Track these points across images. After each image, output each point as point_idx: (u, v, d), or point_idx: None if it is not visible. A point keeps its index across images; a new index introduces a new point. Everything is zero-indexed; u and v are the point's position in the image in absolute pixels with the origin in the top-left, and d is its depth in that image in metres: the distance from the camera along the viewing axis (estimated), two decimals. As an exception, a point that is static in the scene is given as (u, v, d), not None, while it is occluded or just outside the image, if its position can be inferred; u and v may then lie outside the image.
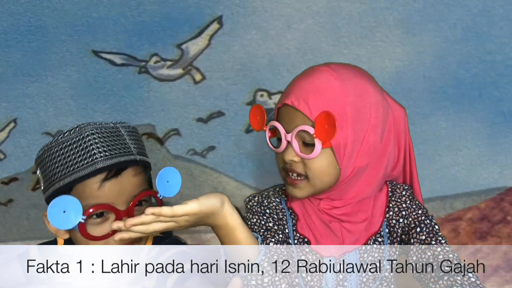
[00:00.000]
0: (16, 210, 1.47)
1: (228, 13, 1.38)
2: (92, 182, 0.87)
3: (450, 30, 1.38)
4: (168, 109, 1.42)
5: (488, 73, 1.39)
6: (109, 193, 0.87)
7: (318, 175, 0.96)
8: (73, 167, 0.87)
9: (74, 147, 0.88)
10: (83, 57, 1.40)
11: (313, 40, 1.39)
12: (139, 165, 0.92)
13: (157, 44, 1.40)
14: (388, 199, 1.05)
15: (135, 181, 0.91)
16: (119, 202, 0.88)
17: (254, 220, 1.04)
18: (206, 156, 1.44)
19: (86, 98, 1.42)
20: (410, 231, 1.01)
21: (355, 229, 1.01)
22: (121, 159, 0.89)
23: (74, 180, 0.87)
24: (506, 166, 1.42)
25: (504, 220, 1.43)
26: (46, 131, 1.43)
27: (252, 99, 1.41)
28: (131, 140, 0.93)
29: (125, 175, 0.89)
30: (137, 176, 0.91)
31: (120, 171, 0.89)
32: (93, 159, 0.87)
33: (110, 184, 0.88)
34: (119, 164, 0.88)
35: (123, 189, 0.89)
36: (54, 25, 1.39)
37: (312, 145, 0.95)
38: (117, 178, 0.88)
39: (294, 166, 0.97)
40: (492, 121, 1.41)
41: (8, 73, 1.41)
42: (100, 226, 0.88)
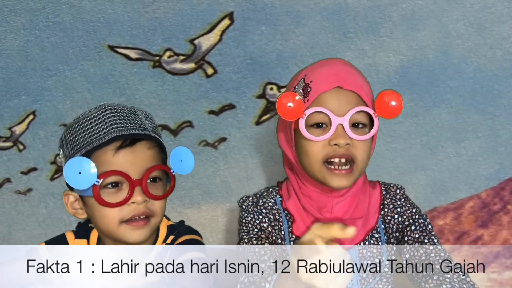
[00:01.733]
0: (35, 199, 1.49)
1: (239, 10, 1.40)
2: (107, 150, 0.91)
3: (452, 25, 1.39)
4: (181, 102, 1.44)
5: (489, 67, 1.40)
6: (124, 161, 0.91)
7: (365, 158, 0.98)
8: (91, 138, 0.91)
9: (93, 121, 0.92)
10: (99, 52, 1.42)
11: (321, 36, 1.41)
12: (153, 141, 0.96)
13: (171, 40, 1.41)
14: (382, 197, 1.06)
15: (149, 153, 0.94)
16: (132, 171, 0.91)
17: (248, 218, 1.03)
18: (218, 147, 1.46)
19: (102, 91, 1.45)
20: (405, 228, 1.02)
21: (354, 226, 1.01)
22: (136, 131, 0.93)
23: (92, 148, 0.91)
24: (506, 157, 1.44)
25: (504, 209, 1.45)
26: (64, 123, 1.45)
27: (262, 92, 1.43)
28: (147, 120, 0.98)
29: (139, 146, 0.93)
30: (151, 149, 0.95)
31: (134, 141, 0.92)
32: (109, 130, 0.91)
33: (125, 153, 0.91)
34: (134, 135, 0.92)
35: (137, 158, 0.92)
36: (71, 21, 1.41)
37: (363, 126, 0.97)
38: (131, 148, 0.92)
39: (346, 151, 0.95)
40: (493, 114, 1.43)
41: (27, 67, 1.43)
42: (115, 196, 0.91)
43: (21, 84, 1.45)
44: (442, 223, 1.46)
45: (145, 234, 0.94)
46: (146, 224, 0.93)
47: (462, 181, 1.46)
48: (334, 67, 1.00)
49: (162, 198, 0.96)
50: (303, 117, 0.95)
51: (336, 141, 0.94)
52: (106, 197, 0.90)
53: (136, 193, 0.91)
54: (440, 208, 1.46)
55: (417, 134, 1.44)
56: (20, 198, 1.49)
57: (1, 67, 1.43)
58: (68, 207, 0.98)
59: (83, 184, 0.88)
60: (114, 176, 0.90)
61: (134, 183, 0.91)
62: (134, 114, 0.96)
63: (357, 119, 0.96)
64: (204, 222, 1.48)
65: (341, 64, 1.01)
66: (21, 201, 1.50)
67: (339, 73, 0.98)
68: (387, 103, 0.95)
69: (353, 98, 0.96)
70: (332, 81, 0.96)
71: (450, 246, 1.45)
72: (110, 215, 0.92)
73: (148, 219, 0.94)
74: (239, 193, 1.46)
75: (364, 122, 0.97)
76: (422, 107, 1.43)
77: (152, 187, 0.93)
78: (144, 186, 0.91)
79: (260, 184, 1.46)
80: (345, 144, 0.94)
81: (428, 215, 1.42)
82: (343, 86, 0.96)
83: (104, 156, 0.91)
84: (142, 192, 0.91)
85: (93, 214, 0.94)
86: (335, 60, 1.03)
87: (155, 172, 0.94)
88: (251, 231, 1.02)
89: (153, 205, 0.94)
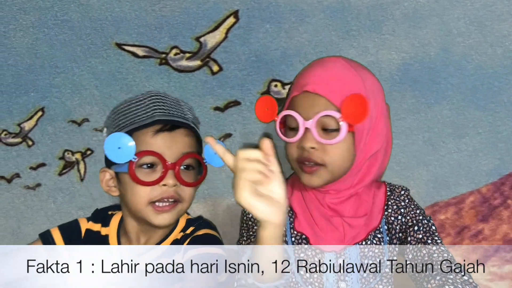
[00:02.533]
0: (43, 194, 1.51)
1: (244, 8, 1.41)
2: (148, 131, 0.94)
3: (453, 24, 1.40)
4: (187, 98, 1.46)
5: (489, 65, 1.42)
6: (161, 144, 0.94)
7: (338, 161, 0.95)
8: (134, 119, 0.95)
9: (138, 104, 0.96)
10: (107, 49, 1.44)
11: (324, 33, 1.42)
12: (192, 130, 0.98)
13: (177, 37, 1.43)
14: (386, 198, 1.04)
15: (186, 140, 0.97)
16: (168, 155, 0.94)
17: (250, 215, 1.04)
18: (224, 142, 1.47)
19: (110, 88, 1.47)
20: (408, 229, 1.00)
21: (356, 224, 1.00)
22: (177, 119, 0.96)
23: (133, 128, 0.94)
24: (506, 153, 1.45)
25: (504, 203, 1.46)
26: (72, 119, 1.47)
27: (266, 89, 1.45)
28: (188, 111, 1.01)
29: (178, 132, 0.96)
30: (188, 137, 0.98)
31: (174, 128, 0.95)
32: (152, 113, 0.95)
33: (163, 136, 0.94)
34: (174, 122, 0.96)
35: (174, 143, 0.95)
36: (79, 19, 1.43)
37: (333, 130, 0.93)
38: (170, 133, 0.95)
39: (312, 154, 0.95)
40: (493, 110, 1.44)
41: (36, 65, 1.45)
42: (148, 176, 0.94)
43: (30, 81, 1.47)
44: (443, 218, 1.47)
45: (170, 219, 0.96)
46: (173, 209, 0.96)
47: (463, 176, 1.47)
48: (318, 69, 0.98)
49: (193, 185, 0.98)
50: (276, 120, 0.98)
51: (302, 144, 0.95)
52: (140, 176, 0.93)
53: (169, 176, 0.94)
54: (441, 202, 1.48)
55: (419, 130, 1.46)
56: (29, 193, 1.52)
57: (11, 65, 1.46)
58: (103, 184, 1.00)
59: (121, 158, 0.92)
60: (150, 156, 0.93)
61: (168, 166, 0.93)
62: (177, 103, 1.00)
63: (326, 123, 0.93)
64: (209, 217, 1.48)
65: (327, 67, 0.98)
66: (30, 196, 1.52)
67: (312, 76, 0.96)
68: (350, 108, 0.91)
69: (321, 102, 0.94)
70: (302, 85, 0.97)
71: (451, 239, 1.47)
72: (141, 193, 0.94)
73: (175, 204, 0.96)
74: (244, 188, 1.48)
75: (333, 127, 0.93)
76: (424, 104, 1.44)
77: (184, 174, 0.96)
78: (177, 171, 0.94)
79: (264, 179, 1.47)
80: (310, 148, 0.94)
81: (430, 209, 1.45)
82: (310, 90, 0.94)
83: (144, 137, 0.94)
84: (174, 176, 0.94)
85: (125, 192, 0.97)
86: (329, 61, 1.00)
87: (189, 160, 0.97)
88: (251, 228, 1.03)
89: (182, 191, 0.96)
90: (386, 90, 1.39)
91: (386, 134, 1.02)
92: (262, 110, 1.00)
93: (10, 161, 1.50)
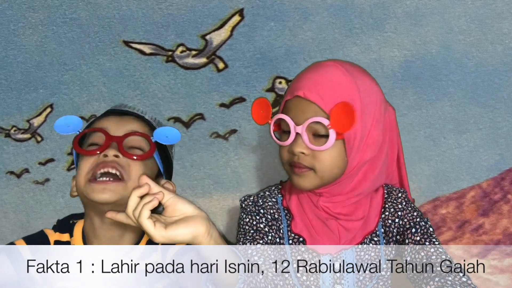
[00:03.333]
0: (52, 189, 1.53)
1: (249, 6, 1.42)
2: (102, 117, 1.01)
3: (454, 22, 1.42)
4: (193, 95, 1.47)
5: (489, 62, 1.43)
6: (108, 123, 0.98)
7: (328, 167, 0.95)
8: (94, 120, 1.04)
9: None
10: (115, 47, 1.46)
11: (328, 31, 1.43)
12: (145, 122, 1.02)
13: (183, 35, 1.44)
14: (384, 201, 1.05)
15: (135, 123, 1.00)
16: (113, 131, 0.96)
17: (246, 220, 1.04)
18: (229, 138, 1.49)
19: (117, 85, 1.48)
20: (405, 231, 1.00)
21: (352, 227, 1.01)
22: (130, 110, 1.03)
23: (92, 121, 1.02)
24: (506, 148, 1.46)
25: (504, 198, 1.48)
26: (80, 115, 1.46)
27: (271, 85, 1.47)
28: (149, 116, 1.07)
29: (128, 117, 1.01)
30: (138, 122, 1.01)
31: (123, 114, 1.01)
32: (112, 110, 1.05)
33: (113, 116, 1.00)
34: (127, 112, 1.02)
35: (121, 122, 0.99)
36: (87, 17, 1.44)
37: (324, 136, 0.93)
38: (118, 116, 1.00)
39: (302, 159, 0.96)
40: (493, 106, 1.45)
41: (44, 62, 1.47)
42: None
43: (39, 78, 1.48)
44: (444, 212, 1.49)
45: (111, 195, 0.92)
46: (114, 185, 0.92)
47: (464, 171, 1.48)
48: (313, 73, 0.98)
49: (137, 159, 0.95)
50: (270, 122, 1.00)
51: (292, 149, 0.96)
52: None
53: (111, 147, 0.94)
54: (442, 197, 1.49)
55: (421, 126, 1.47)
56: (38, 188, 1.53)
57: (20, 62, 1.47)
58: (71, 190, 1.02)
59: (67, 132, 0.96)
60: (94, 132, 0.97)
61: (111, 138, 0.94)
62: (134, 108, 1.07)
63: (317, 129, 0.94)
64: (215, 211, 1.53)
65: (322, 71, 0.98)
66: (39, 191, 1.53)
67: (304, 81, 0.97)
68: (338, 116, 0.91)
69: (311, 108, 0.94)
70: (294, 89, 0.98)
71: (452, 234, 1.49)
72: (83, 168, 0.94)
73: (119, 181, 0.93)
74: (249, 182, 1.50)
75: (323, 133, 0.93)
76: (425, 100, 1.46)
77: (129, 150, 0.96)
78: (119, 143, 0.94)
79: (269, 174, 1.49)
80: (299, 153, 0.95)
81: (431, 204, 1.48)
82: (302, 95, 0.95)
83: (97, 120, 1.01)
84: (117, 148, 0.94)
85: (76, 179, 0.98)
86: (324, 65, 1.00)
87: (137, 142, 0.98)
88: (247, 233, 1.03)
89: (127, 167, 0.95)
90: (388, 87, 1.44)
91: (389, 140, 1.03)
92: (257, 112, 1.02)
93: (19, 157, 1.52)
